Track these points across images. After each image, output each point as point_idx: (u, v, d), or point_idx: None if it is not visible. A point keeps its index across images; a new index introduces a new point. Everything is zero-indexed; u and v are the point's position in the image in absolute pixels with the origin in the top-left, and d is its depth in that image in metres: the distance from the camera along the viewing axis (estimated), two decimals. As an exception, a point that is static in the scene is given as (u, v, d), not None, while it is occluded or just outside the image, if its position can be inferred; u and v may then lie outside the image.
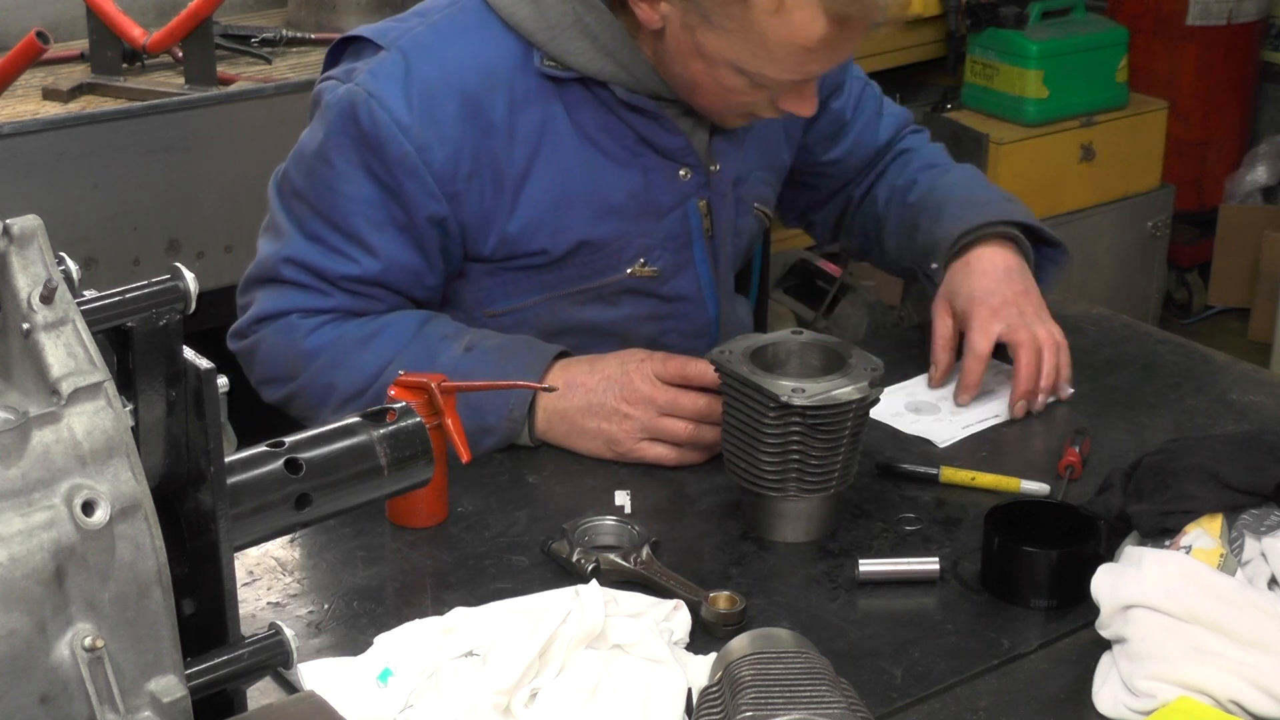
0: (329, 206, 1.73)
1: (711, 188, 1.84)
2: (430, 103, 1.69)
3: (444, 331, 1.74)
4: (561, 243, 1.77)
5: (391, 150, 1.68)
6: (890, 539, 1.56)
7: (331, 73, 1.77)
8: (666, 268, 1.83)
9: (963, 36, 4.18)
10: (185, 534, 0.93)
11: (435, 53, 1.71)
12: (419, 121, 1.68)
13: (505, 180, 1.73)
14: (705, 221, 1.84)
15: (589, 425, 1.69)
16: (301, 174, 1.75)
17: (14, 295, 0.83)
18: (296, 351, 1.75)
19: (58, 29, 3.19)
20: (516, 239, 1.76)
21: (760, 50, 1.62)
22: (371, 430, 1.02)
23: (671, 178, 1.81)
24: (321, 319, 1.75)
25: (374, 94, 1.69)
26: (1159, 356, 1.97)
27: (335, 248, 1.73)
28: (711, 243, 1.86)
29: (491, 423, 1.69)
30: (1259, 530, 1.38)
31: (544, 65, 1.72)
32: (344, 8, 3.40)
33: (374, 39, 1.74)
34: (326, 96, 1.73)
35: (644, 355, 1.70)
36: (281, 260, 1.75)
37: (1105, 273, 4.30)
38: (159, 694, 0.85)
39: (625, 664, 1.28)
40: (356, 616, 1.43)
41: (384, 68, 1.70)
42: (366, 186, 1.71)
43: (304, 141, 1.77)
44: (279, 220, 1.78)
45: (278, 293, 1.77)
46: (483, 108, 1.71)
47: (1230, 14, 4.33)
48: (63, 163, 2.70)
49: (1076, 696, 1.32)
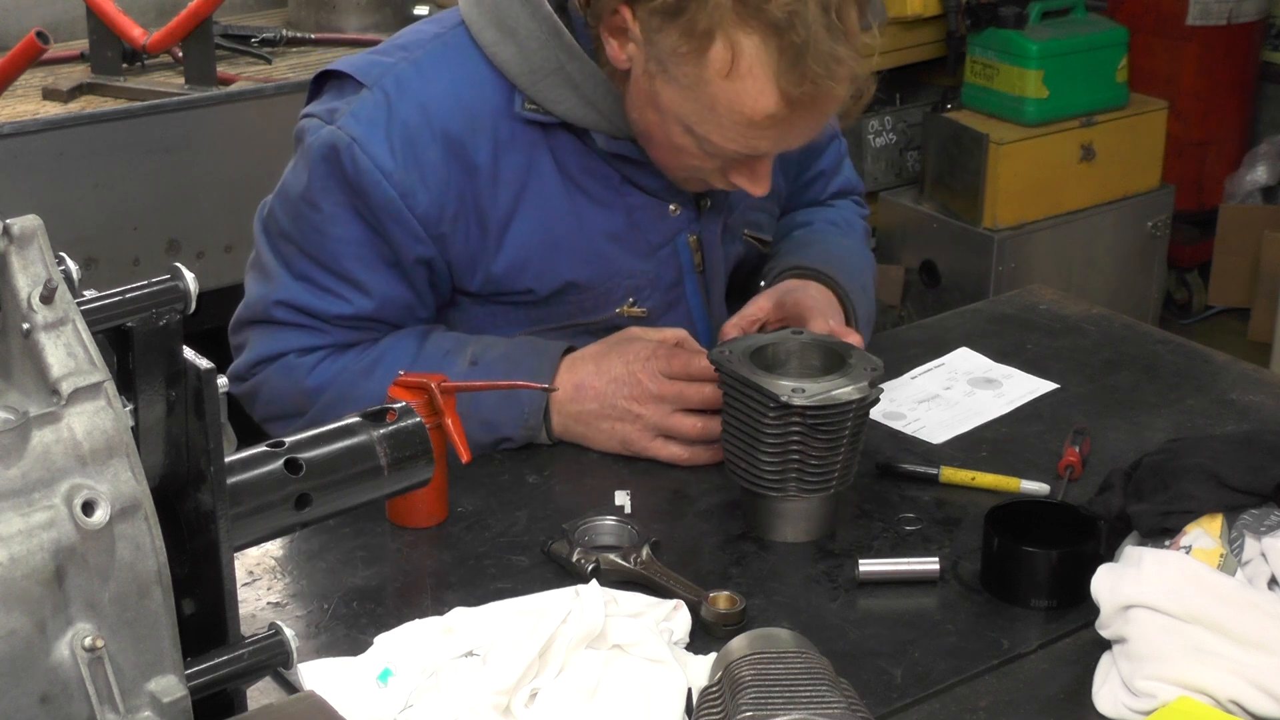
0: (318, 249, 1.71)
1: (702, 222, 1.82)
2: (413, 146, 1.67)
3: (445, 347, 1.73)
4: (548, 284, 1.76)
5: (375, 196, 1.67)
6: (890, 539, 1.56)
7: (313, 109, 1.74)
8: (656, 307, 1.82)
9: (963, 36, 4.18)
10: (185, 534, 0.93)
11: (417, 92, 1.69)
12: (402, 167, 1.67)
13: (490, 222, 1.72)
14: (696, 256, 1.83)
15: (603, 426, 1.70)
16: (289, 216, 1.73)
17: (14, 295, 0.83)
18: (300, 390, 1.74)
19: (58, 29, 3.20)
20: (502, 279, 1.75)
21: (709, 114, 1.58)
22: (371, 430, 1.02)
23: (660, 215, 1.79)
24: (320, 354, 1.74)
25: (356, 138, 1.67)
26: (1159, 356, 1.96)
27: (327, 288, 1.72)
28: (703, 277, 1.85)
29: (508, 433, 1.71)
30: (1259, 530, 1.38)
31: (525, 109, 1.70)
32: (344, 8, 3.40)
33: (356, 75, 1.71)
34: (309, 138, 1.71)
35: (648, 353, 1.71)
36: (273, 303, 1.74)
37: (1105, 273, 4.30)
38: (159, 694, 0.85)
39: (625, 664, 1.29)
40: (356, 616, 1.43)
41: (365, 109, 1.68)
42: (355, 228, 1.70)
43: (289, 182, 1.74)
44: (267, 260, 1.76)
45: (272, 334, 1.75)
46: (466, 150, 1.69)
47: (1230, 14, 4.33)
48: (63, 163, 2.70)
49: (1076, 696, 1.32)
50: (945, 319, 2.14)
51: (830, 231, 2.00)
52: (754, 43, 1.51)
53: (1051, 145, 4.11)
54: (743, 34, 1.51)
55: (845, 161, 2.10)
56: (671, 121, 1.62)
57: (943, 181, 4.20)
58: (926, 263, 4.24)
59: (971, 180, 4.09)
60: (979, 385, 1.88)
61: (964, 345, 1.98)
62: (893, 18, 4.11)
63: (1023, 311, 2.10)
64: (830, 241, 1.97)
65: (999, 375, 1.91)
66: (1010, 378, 1.90)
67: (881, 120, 4.29)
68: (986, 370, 1.92)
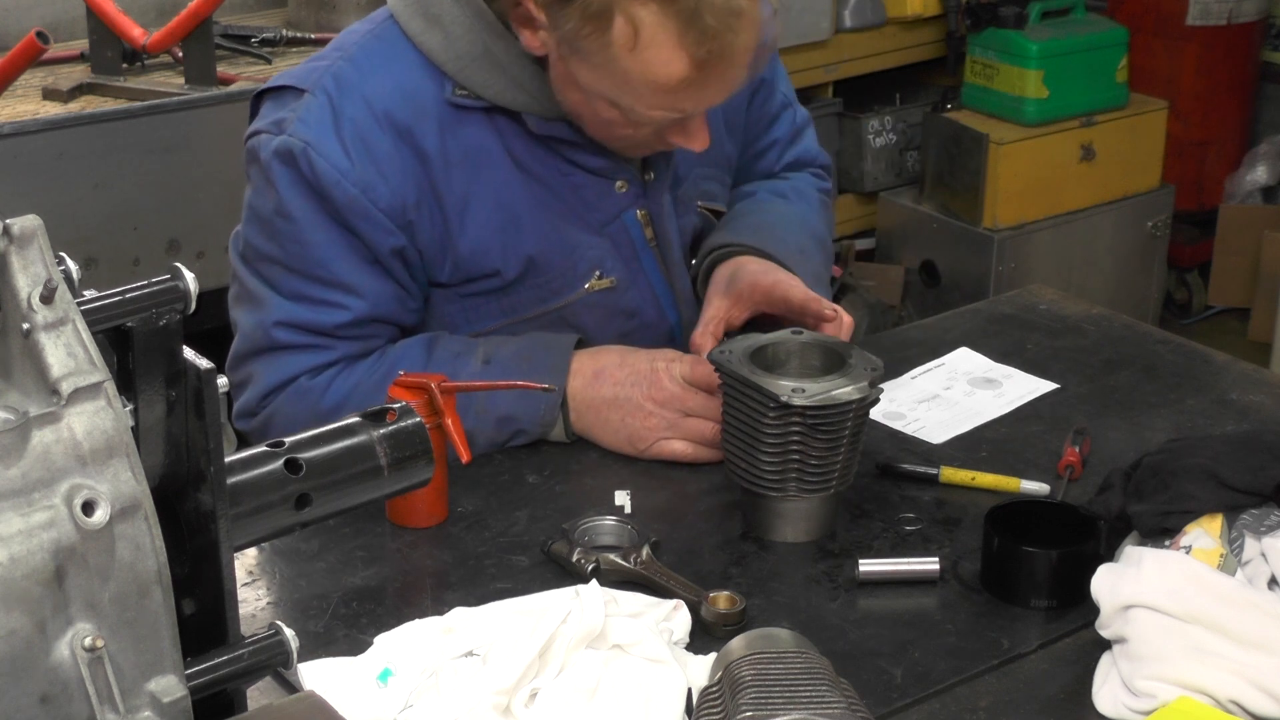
0: (302, 261, 1.71)
1: (649, 196, 1.82)
2: (364, 141, 1.68)
3: (454, 350, 1.73)
4: (513, 262, 1.76)
5: (338, 196, 1.67)
6: (890, 539, 1.56)
7: (258, 125, 1.74)
8: (622, 278, 1.82)
9: (963, 36, 4.18)
10: (185, 534, 0.93)
11: (357, 88, 1.69)
12: (358, 163, 1.67)
13: (447, 206, 1.72)
14: (647, 230, 1.83)
15: (612, 417, 1.70)
16: (265, 236, 1.73)
17: (14, 295, 0.82)
18: (317, 413, 1.71)
19: (58, 29, 3.20)
20: (469, 262, 1.75)
21: (625, 87, 1.60)
22: (371, 430, 1.03)
23: (606, 192, 1.79)
24: (331, 373, 1.73)
25: (309, 142, 1.67)
26: (1159, 356, 1.96)
27: (321, 299, 1.71)
28: (659, 250, 1.85)
29: (525, 427, 1.71)
30: (1259, 530, 1.38)
31: (455, 95, 1.70)
32: (344, 8, 3.40)
33: (294, 84, 1.72)
34: (263, 153, 1.71)
35: (674, 355, 1.71)
36: (272, 326, 1.72)
37: (1105, 273, 4.30)
38: (159, 694, 0.85)
39: (625, 664, 1.29)
40: (356, 616, 1.43)
41: (311, 113, 1.68)
42: (331, 230, 1.69)
43: (255, 204, 1.74)
44: (253, 288, 1.75)
45: (278, 360, 1.74)
46: (414, 136, 1.69)
47: (1230, 14, 4.33)
48: (63, 163, 2.70)
49: (1076, 696, 1.32)
50: (945, 319, 2.14)
51: (770, 201, 1.99)
52: (650, 12, 1.54)
53: (1051, 145, 4.11)
54: (638, 6, 1.54)
55: (807, 131, 2.08)
56: (595, 98, 1.64)
57: (943, 181, 4.20)
58: (926, 263, 4.24)
59: (971, 180, 4.09)
60: (979, 385, 1.88)
61: (964, 345, 1.98)
62: (892, 18, 4.11)
63: (1023, 311, 2.10)
64: (765, 210, 1.96)
65: (999, 375, 1.91)
66: (1010, 378, 1.90)
67: (881, 120, 4.29)
68: (986, 370, 1.92)
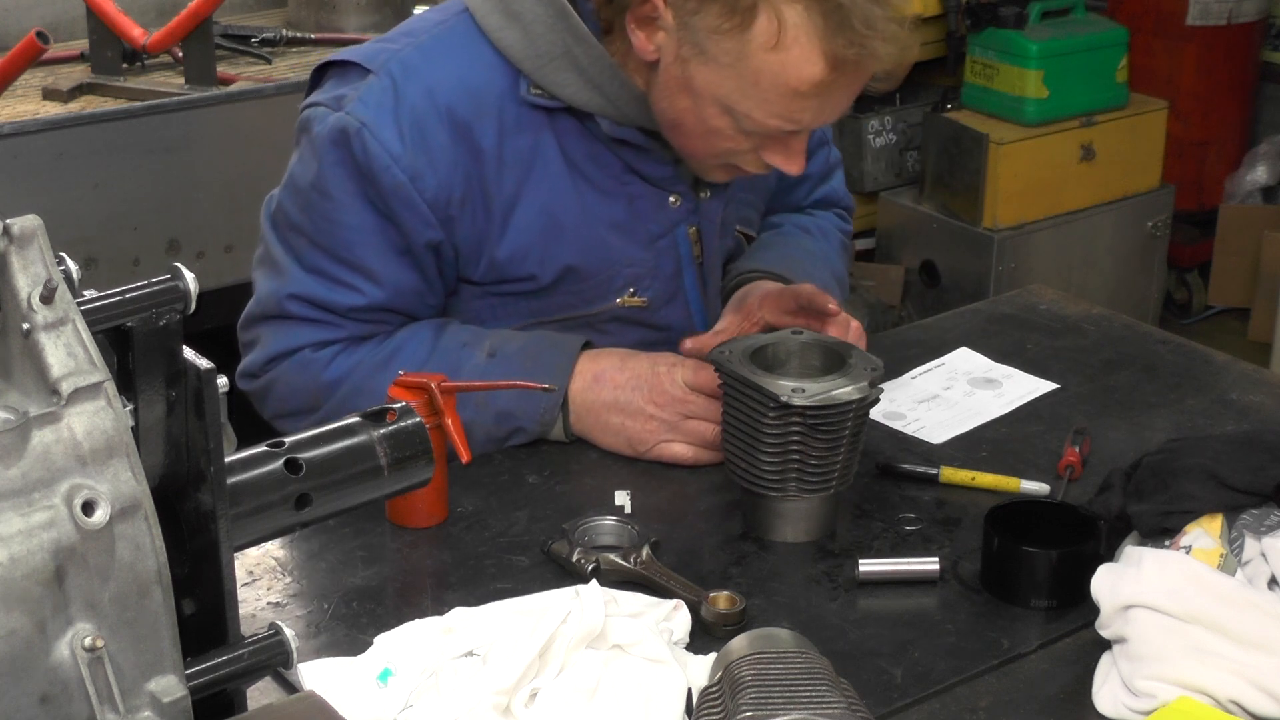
0: (329, 238, 1.71)
1: (701, 214, 1.83)
2: (421, 130, 1.67)
3: (462, 339, 1.73)
4: (550, 269, 1.76)
5: (385, 181, 1.67)
6: (890, 539, 1.56)
7: (318, 98, 1.74)
8: (656, 298, 1.82)
9: (963, 36, 4.19)
10: (185, 534, 0.93)
11: (423, 76, 1.69)
12: (411, 150, 1.67)
13: (494, 206, 1.72)
14: (695, 248, 1.83)
15: (613, 420, 1.70)
16: (298, 206, 1.73)
17: (14, 295, 0.82)
18: (317, 384, 1.73)
19: (58, 29, 3.20)
20: (505, 264, 1.75)
21: (751, 88, 1.59)
22: (371, 430, 1.02)
23: (661, 205, 1.79)
24: (335, 348, 1.74)
25: (366, 123, 1.67)
26: (1159, 356, 1.96)
27: (339, 279, 1.72)
28: (702, 269, 1.85)
29: (524, 425, 1.71)
30: (1259, 530, 1.38)
31: (531, 94, 1.70)
32: (344, 8, 3.40)
33: (361, 62, 1.72)
34: (316, 126, 1.71)
35: (675, 359, 1.71)
36: (285, 297, 1.73)
37: (1105, 273, 4.30)
38: (159, 694, 0.85)
39: (625, 664, 1.28)
40: (356, 616, 1.43)
41: (373, 94, 1.68)
42: (366, 215, 1.69)
43: (296, 173, 1.74)
44: (277, 255, 1.75)
45: (285, 329, 1.75)
46: (472, 133, 1.69)
47: (1230, 14, 4.33)
48: (63, 163, 2.70)
49: (1076, 696, 1.32)
50: (945, 319, 2.14)
51: (796, 235, 2.01)
52: (797, 11, 1.54)
53: (1051, 145, 4.11)
54: (785, 3, 1.54)
55: (836, 173, 2.10)
56: (707, 104, 1.63)
57: (943, 181, 4.20)
58: (926, 263, 4.25)
59: (971, 180, 4.09)
60: (979, 385, 1.88)
61: (964, 345, 1.98)
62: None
63: (1023, 311, 2.10)
64: (791, 244, 1.98)
65: (999, 375, 1.91)
66: (1010, 378, 1.90)
67: (881, 120, 4.29)
68: (986, 370, 1.92)
